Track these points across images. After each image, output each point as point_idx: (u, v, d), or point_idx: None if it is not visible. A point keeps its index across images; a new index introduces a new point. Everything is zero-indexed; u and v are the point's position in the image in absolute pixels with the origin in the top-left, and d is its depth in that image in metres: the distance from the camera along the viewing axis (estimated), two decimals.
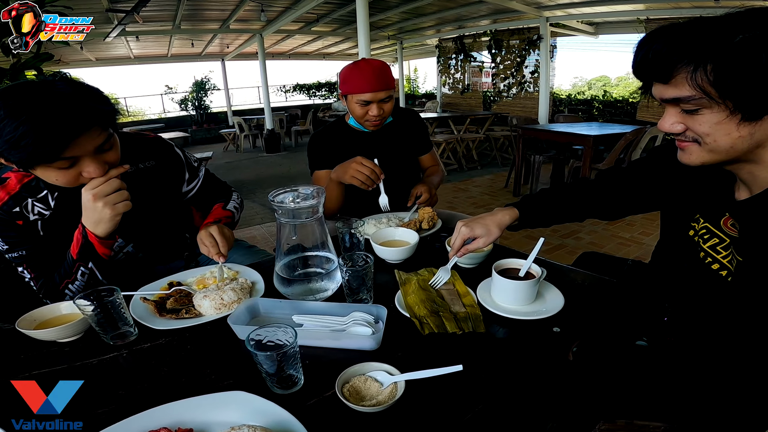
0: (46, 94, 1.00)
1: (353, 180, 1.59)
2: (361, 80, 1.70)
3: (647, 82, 0.85)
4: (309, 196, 1.09)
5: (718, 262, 0.97)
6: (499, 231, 1.20)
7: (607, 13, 8.00)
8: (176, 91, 15.12)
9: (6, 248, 1.20)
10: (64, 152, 1.02)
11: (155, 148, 1.44)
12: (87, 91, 1.08)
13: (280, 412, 0.72)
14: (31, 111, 0.96)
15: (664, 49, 0.76)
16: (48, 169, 1.05)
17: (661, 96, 0.82)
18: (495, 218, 1.21)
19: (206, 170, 1.61)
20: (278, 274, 1.14)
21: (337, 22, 10.17)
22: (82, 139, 1.03)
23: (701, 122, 0.79)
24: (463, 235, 1.18)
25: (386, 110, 1.78)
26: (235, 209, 1.60)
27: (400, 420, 0.75)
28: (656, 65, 0.78)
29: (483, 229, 1.18)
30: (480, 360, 0.89)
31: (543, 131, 5.37)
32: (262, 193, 6.51)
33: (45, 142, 0.97)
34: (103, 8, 6.84)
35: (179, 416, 0.73)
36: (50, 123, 0.97)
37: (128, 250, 1.40)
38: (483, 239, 1.18)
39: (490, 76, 10.96)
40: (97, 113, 1.06)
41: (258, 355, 0.76)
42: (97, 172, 1.09)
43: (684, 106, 0.79)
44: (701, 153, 0.85)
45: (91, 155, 1.08)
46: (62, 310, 1.08)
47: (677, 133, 0.86)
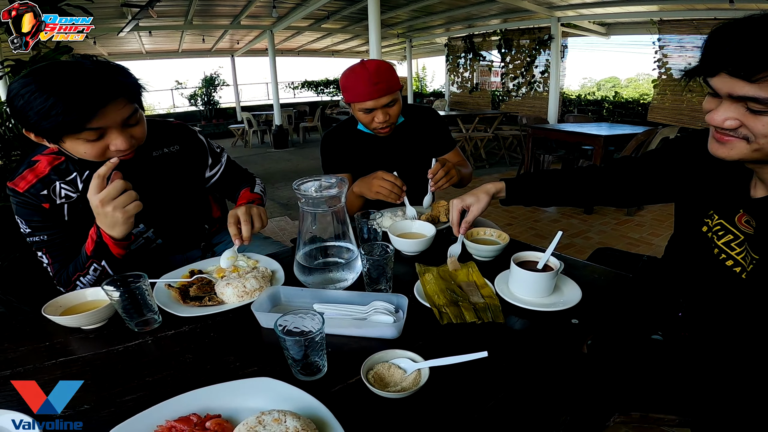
0: (73, 69, 1.05)
1: (378, 195, 1.58)
2: (360, 88, 1.62)
3: (713, 71, 0.80)
4: (332, 186, 1.11)
5: (733, 259, 0.97)
6: (487, 197, 1.32)
7: (620, 14, 7.93)
8: (186, 86, 15.19)
9: (29, 231, 1.22)
10: (91, 122, 1.05)
11: (179, 134, 1.47)
12: (112, 66, 1.13)
13: (306, 397, 0.73)
14: (60, 84, 1.01)
15: (760, 48, 0.72)
16: (76, 141, 1.08)
17: (731, 91, 0.77)
18: (482, 188, 1.34)
19: (228, 157, 1.64)
20: (299, 262, 1.15)
21: (347, 20, 10.17)
22: (108, 110, 1.07)
23: (764, 123, 0.77)
24: (457, 208, 1.32)
25: (393, 114, 1.69)
26: (261, 192, 1.62)
27: (424, 406, 0.76)
28: (749, 61, 0.73)
29: (472, 198, 1.32)
30: (501, 349, 0.90)
31: (553, 131, 5.36)
32: (271, 188, 6.53)
33: (73, 111, 1.01)
34: (118, 3, 6.88)
35: (207, 402, 0.74)
36: (78, 93, 1.02)
37: (148, 236, 1.43)
38: (475, 206, 1.30)
39: (499, 75, 10.92)
40: (122, 85, 1.11)
41: (286, 340, 0.77)
42: (124, 144, 1.12)
43: (755, 106, 0.76)
44: (746, 150, 0.82)
45: (118, 127, 1.11)
46: (87, 296, 1.10)
47: (726, 129, 0.82)
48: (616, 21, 8.80)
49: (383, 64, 1.65)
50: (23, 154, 2.26)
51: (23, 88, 1.02)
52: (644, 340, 1.06)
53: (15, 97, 1.03)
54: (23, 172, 1.22)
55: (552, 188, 1.35)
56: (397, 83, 1.66)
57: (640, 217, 4.64)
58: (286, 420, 0.65)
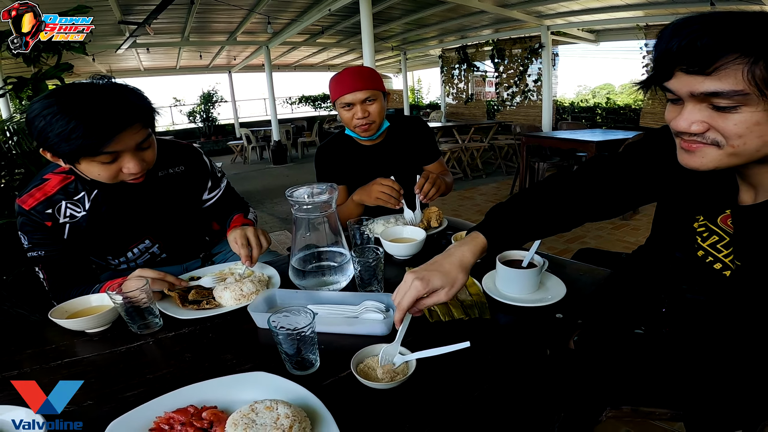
0: (94, 92, 1.09)
1: (378, 201, 1.63)
2: (340, 83, 1.71)
3: (668, 72, 0.76)
4: (323, 192, 1.16)
5: (720, 261, 0.92)
6: (465, 276, 0.93)
7: (607, 21, 8.10)
8: (184, 103, 15.32)
9: (29, 246, 1.26)
10: (108, 146, 1.09)
11: (185, 155, 1.51)
12: (130, 90, 1.17)
13: (298, 389, 0.77)
14: (82, 107, 1.05)
15: (710, 38, 0.68)
16: (92, 163, 1.13)
17: (691, 89, 0.73)
18: (454, 259, 0.93)
19: (228, 183, 1.67)
20: (294, 266, 1.20)
21: (342, 34, 10.32)
22: (125, 134, 1.12)
23: (736, 122, 0.71)
24: (416, 293, 0.88)
25: (372, 112, 1.72)
26: (254, 220, 1.65)
27: (411, 395, 0.80)
28: (700, 53, 0.69)
29: (442, 279, 0.90)
30: (486, 343, 0.94)
31: (546, 138, 5.43)
32: (270, 203, 6.60)
33: (92, 135, 1.06)
34: (116, 20, 6.99)
35: (204, 395, 0.78)
36: (98, 117, 1.06)
37: (153, 251, 1.47)
38: (445, 291, 0.90)
39: (494, 85, 11.06)
40: (139, 110, 1.15)
41: (279, 334, 0.82)
42: (136, 168, 1.16)
43: (719, 102, 0.71)
44: (719, 157, 0.76)
45: (131, 151, 1.16)
46: (92, 302, 1.14)
47: (692, 134, 0.77)
48: (604, 27, 8.97)
49: (368, 67, 1.76)
50: (27, 172, 2.30)
51: (45, 109, 1.05)
52: (629, 335, 1.08)
53: (36, 118, 1.06)
54: (32, 189, 1.25)
55: (540, 221, 1.06)
56: (379, 84, 1.74)
57: (635, 221, 4.68)
58: (278, 407, 0.69)
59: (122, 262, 1.44)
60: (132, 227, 1.38)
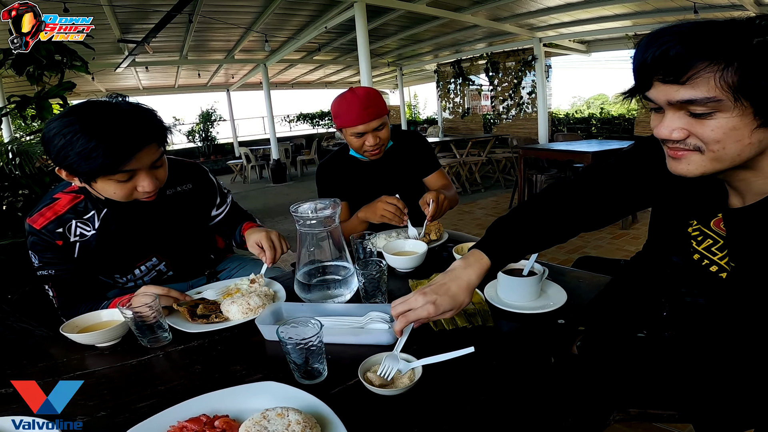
0: (113, 112, 1.12)
1: (383, 219, 1.66)
2: (351, 113, 1.70)
3: (647, 83, 0.79)
4: (326, 207, 1.19)
5: (716, 264, 0.94)
6: (470, 297, 0.98)
7: (597, 31, 8.27)
8: (183, 122, 15.39)
9: (39, 265, 1.28)
10: (126, 165, 1.12)
11: (193, 173, 1.55)
12: (146, 110, 1.21)
13: (307, 397, 0.79)
14: (102, 127, 1.08)
15: (682, 47, 0.71)
16: (108, 182, 1.15)
17: (668, 97, 0.76)
18: (462, 283, 0.97)
19: (232, 198, 1.71)
20: (299, 280, 1.22)
21: (338, 51, 10.45)
22: (142, 154, 1.15)
23: (713, 128, 0.73)
24: (426, 315, 0.92)
25: (383, 138, 1.77)
26: None
27: (418, 401, 0.82)
28: (673, 63, 0.72)
29: (451, 303, 0.94)
30: (490, 349, 0.96)
31: (543, 150, 5.49)
32: (271, 222, 6.61)
33: (112, 154, 1.08)
34: (115, 38, 7.08)
35: (216, 404, 0.80)
36: (118, 137, 1.09)
37: (160, 269, 1.49)
38: (451, 312, 0.96)
39: (489, 98, 11.18)
40: (155, 129, 1.19)
41: (287, 344, 0.84)
42: (150, 186, 1.19)
43: (695, 109, 0.73)
44: (703, 162, 0.79)
45: (146, 170, 1.19)
46: (103, 317, 1.17)
47: (675, 141, 0.79)
48: (594, 38, 9.16)
49: (372, 90, 1.75)
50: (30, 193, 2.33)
51: (66, 128, 1.07)
52: (631, 339, 1.09)
53: (56, 136, 1.08)
54: (42, 208, 1.27)
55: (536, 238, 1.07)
56: (385, 108, 1.76)
57: (635, 230, 4.71)
58: (289, 414, 0.71)
59: (129, 280, 1.46)
60: (140, 245, 1.41)
